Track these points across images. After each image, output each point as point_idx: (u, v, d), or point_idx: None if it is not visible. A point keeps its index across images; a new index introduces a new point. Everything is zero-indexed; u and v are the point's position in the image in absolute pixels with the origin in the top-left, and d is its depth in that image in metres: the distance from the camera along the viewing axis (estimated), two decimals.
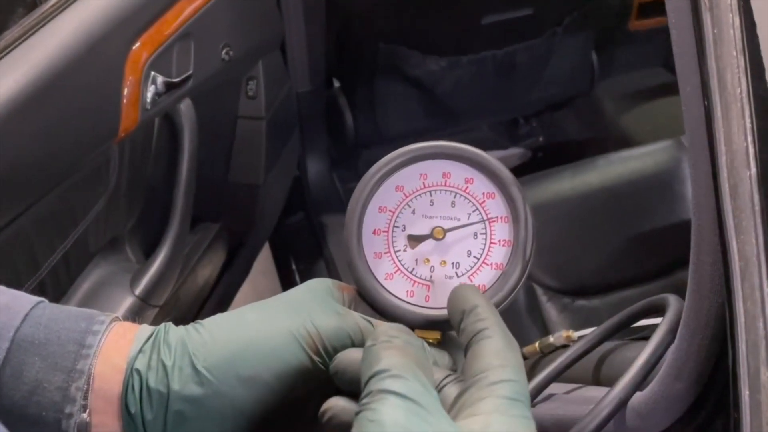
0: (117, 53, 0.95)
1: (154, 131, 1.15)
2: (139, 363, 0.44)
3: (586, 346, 0.76)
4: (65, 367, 0.44)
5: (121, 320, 0.48)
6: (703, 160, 0.48)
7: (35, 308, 0.46)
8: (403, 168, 0.47)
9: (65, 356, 0.44)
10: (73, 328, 0.45)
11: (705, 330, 0.50)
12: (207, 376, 0.43)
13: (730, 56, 0.44)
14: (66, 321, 0.45)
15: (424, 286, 0.46)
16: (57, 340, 0.44)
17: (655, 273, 1.38)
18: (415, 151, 0.46)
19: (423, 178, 0.46)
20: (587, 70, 1.95)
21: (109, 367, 0.44)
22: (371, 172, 0.46)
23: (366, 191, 0.46)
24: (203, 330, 0.45)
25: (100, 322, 0.46)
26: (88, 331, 0.45)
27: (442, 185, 0.46)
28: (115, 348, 0.45)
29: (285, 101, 1.49)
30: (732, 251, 0.43)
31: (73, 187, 0.97)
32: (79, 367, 0.44)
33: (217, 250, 1.38)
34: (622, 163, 1.49)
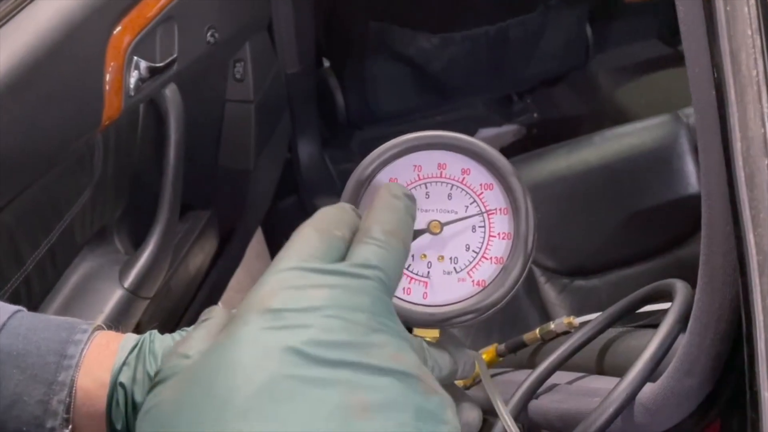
0: (97, 38, 0.92)
1: (140, 118, 1.12)
2: (123, 376, 0.42)
3: (589, 334, 0.74)
4: (46, 379, 0.41)
5: (104, 329, 0.45)
6: (714, 146, 0.45)
7: (12, 318, 0.44)
8: (397, 159, 0.44)
9: (45, 368, 0.42)
10: (54, 338, 0.43)
11: (718, 324, 0.47)
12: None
13: (744, 36, 0.42)
14: (46, 331, 0.43)
15: (421, 283, 0.44)
16: (36, 350, 0.42)
17: (654, 251, 1.36)
18: (408, 142, 0.44)
19: (417, 170, 0.44)
20: (582, 44, 1.92)
21: (92, 379, 0.42)
22: (363, 165, 0.44)
23: (359, 184, 0.44)
24: None
25: (81, 331, 0.44)
26: (69, 341, 0.43)
27: (438, 177, 0.44)
28: (98, 360, 0.43)
29: (274, 83, 1.46)
30: (748, 244, 0.41)
31: (57, 178, 0.94)
32: (61, 379, 0.42)
33: (209, 238, 1.35)
34: (619, 139, 1.46)
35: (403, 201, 0.38)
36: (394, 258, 0.35)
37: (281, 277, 0.32)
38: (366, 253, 0.34)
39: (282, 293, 0.31)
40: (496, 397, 0.59)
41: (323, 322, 0.30)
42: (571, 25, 1.89)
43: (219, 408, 0.28)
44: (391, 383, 0.30)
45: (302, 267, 0.32)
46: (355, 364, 0.29)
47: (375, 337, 0.31)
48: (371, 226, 0.36)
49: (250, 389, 0.28)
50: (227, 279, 1.52)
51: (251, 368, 0.29)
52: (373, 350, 0.30)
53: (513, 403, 0.71)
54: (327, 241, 0.35)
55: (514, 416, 0.70)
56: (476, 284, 0.43)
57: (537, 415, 0.70)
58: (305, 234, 0.35)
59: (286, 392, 0.28)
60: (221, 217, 1.39)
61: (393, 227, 0.36)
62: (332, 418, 0.28)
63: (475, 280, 0.43)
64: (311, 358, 0.29)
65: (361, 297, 0.32)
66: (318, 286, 0.31)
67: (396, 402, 0.29)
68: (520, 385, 0.72)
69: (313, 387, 0.28)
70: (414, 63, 1.78)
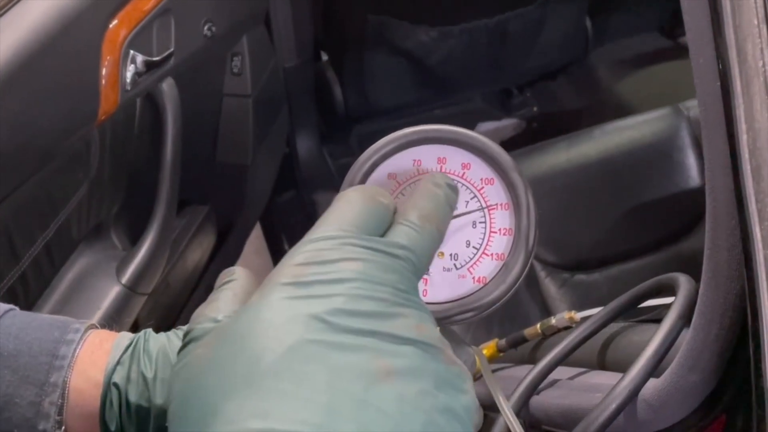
0: (93, 32, 0.91)
1: (136, 113, 1.11)
2: (117, 376, 0.41)
3: (591, 329, 0.73)
4: (38, 380, 0.41)
5: (98, 327, 0.44)
6: (719, 138, 0.44)
7: (4, 317, 0.43)
8: (396, 154, 0.43)
9: (37, 368, 0.41)
10: (46, 337, 0.42)
11: (722, 320, 0.47)
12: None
13: (750, 26, 0.41)
14: (38, 330, 0.42)
15: (421, 280, 0.43)
16: (28, 351, 0.41)
17: (655, 244, 1.36)
18: (408, 136, 0.43)
19: (417, 164, 0.43)
20: (581, 37, 1.91)
21: (85, 380, 0.41)
22: (361, 159, 0.43)
23: (356, 180, 0.43)
24: None
25: (74, 331, 0.43)
26: (62, 341, 0.42)
27: (438, 172, 0.43)
28: (91, 360, 0.42)
29: (271, 77, 1.45)
30: (755, 239, 0.40)
31: (53, 173, 0.93)
32: (53, 380, 0.41)
33: (207, 233, 1.35)
34: (619, 132, 1.45)
35: (443, 190, 0.39)
36: (427, 242, 0.36)
37: (316, 246, 0.33)
38: (400, 234, 0.35)
39: (314, 267, 0.32)
40: (497, 392, 0.58)
41: (350, 293, 0.31)
42: (570, 17, 1.88)
43: (251, 365, 0.29)
44: (413, 352, 0.31)
45: (339, 236, 0.33)
46: (380, 332, 0.31)
47: (399, 309, 0.32)
48: (409, 210, 0.37)
49: (281, 350, 0.29)
50: None
51: (281, 331, 0.30)
52: (397, 321, 0.31)
53: (514, 399, 0.70)
54: (371, 208, 0.36)
55: (515, 412, 0.69)
56: (477, 281, 0.42)
57: (538, 411, 0.70)
58: (350, 198, 0.36)
59: (313, 355, 0.29)
60: (219, 212, 1.38)
61: (429, 213, 0.37)
62: (357, 381, 0.29)
63: (475, 277, 0.42)
64: (336, 325, 0.30)
65: (389, 274, 0.33)
66: (350, 260, 0.32)
67: (418, 369, 0.30)
68: (521, 381, 0.71)
69: (338, 351, 0.30)
70: (413, 56, 1.76)
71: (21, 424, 0.40)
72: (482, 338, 1.24)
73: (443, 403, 0.30)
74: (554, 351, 0.72)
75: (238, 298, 0.36)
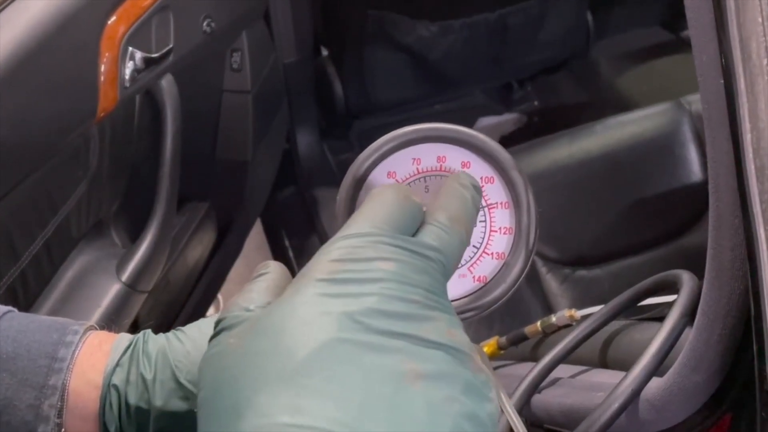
0: (91, 29, 0.91)
1: (136, 110, 1.11)
2: (116, 378, 0.41)
3: (592, 326, 0.73)
4: (36, 383, 0.40)
5: (97, 329, 0.44)
6: (722, 137, 0.44)
7: (2, 319, 0.43)
8: (395, 152, 0.43)
9: (36, 371, 0.41)
10: (44, 340, 0.42)
11: (725, 320, 0.46)
12: (192, 389, 0.40)
13: (755, 23, 0.40)
14: (36, 332, 0.42)
15: None
16: (27, 353, 0.41)
17: (657, 240, 1.35)
18: (407, 135, 0.42)
19: (416, 163, 0.43)
20: (582, 31, 1.90)
21: (84, 382, 0.41)
22: (361, 159, 0.42)
23: (356, 179, 0.42)
24: (185, 338, 0.42)
25: (73, 333, 0.43)
26: (61, 343, 0.42)
27: (437, 170, 0.43)
28: (90, 361, 0.42)
29: (271, 73, 1.45)
30: (759, 240, 0.39)
31: (52, 171, 0.93)
32: (52, 382, 0.41)
33: (207, 230, 1.34)
34: (621, 127, 1.45)
35: (470, 191, 0.39)
36: (456, 244, 0.36)
37: (352, 243, 0.33)
38: (431, 235, 0.35)
39: (349, 264, 0.32)
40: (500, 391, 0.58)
41: (383, 293, 0.31)
42: (571, 11, 1.87)
43: (284, 360, 0.29)
44: (443, 357, 0.31)
45: (373, 234, 0.33)
46: (411, 335, 0.31)
47: (431, 312, 0.32)
48: (437, 210, 0.37)
49: (313, 346, 0.29)
50: (226, 271, 1.50)
51: (315, 328, 0.30)
52: (428, 324, 0.31)
53: (516, 398, 0.70)
54: (404, 207, 0.36)
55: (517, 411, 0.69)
56: (477, 280, 0.42)
57: (540, 410, 0.69)
58: (384, 196, 0.36)
59: (346, 354, 0.29)
60: (219, 209, 1.38)
61: (458, 214, 0.37)
62: (387, 382, 0.29)
63: (476, 276, 0.42)
64: (368, 325, 0.30)
65: (422, 276, 0.33)
66: (384, 260, 0.32)
67: (447, 374, 0.30)
68: (522, 380, 0.71)
69: (370, 352, 0.30)
70: (413, 51, 1.76)
71: (20, 427, 0.40)
72: (483, 334, 1.23)
73: (470, 409, 0.30)
74: (555, 349, 0.72)
75: (271, 290, 0.36)
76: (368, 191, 0.43)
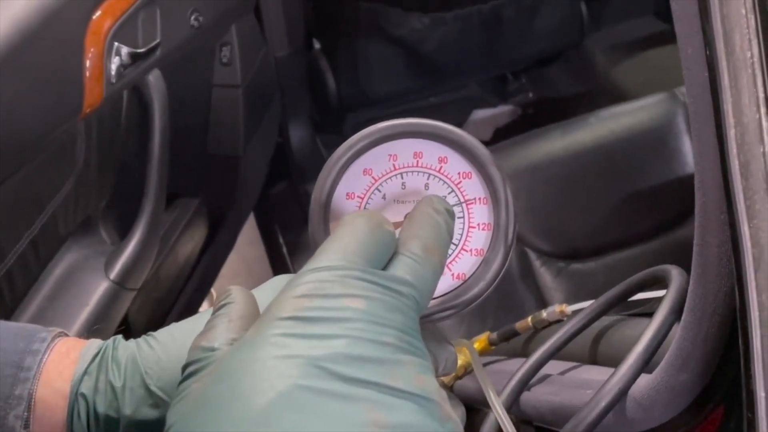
0: (75, 24, 0.89)
1: (123, 105, 1.10)
2: (84, 386, 0.40)
3: (582, 322, 0.72)
4: (2, 393, 0.40)
5: (67, 335, 0.43)
6: (708, 131, 0.43)
7: None
8: (371, 149, 0.42)
9: (1, 381, 0.40)
10: (10, 348, 0.41)
11: (712, 317, 0.45)
12: (162, 397, 0.39)
13: (738, 15, 0.39)
14: (2, 341, 0.41)
15: None
16: None
17: (651, 232, 1.34)
18: (382, 131, 0.42)
19: (393, 159, 0.42)
20: (577, 22, 1.89)
21: (52, 391, 0.40)
22: (335, 156, 0.42)
23: (331, 177, 0.42)
24: (156, 344, 0.41)
25: (40, 340, 0.42)
26: (27, 351, 0.41)
27: (414, 166, 0.42)
28: (58, 369, 0.41)
29: (262, 66, 1.43)
30: (743, 237, 0.38)
31: (38, 168, 0.92)
32: (18, 392, 0.40)
33: (198, 227, 1.33)
34: (615, 119, 1.44)
35: (443, 217, 0.37)
36: (430, 276, 0.34)
37: (320, 276, 0.31)
38: (404, 267, 0.34)
39: (317, 300, 0.30)
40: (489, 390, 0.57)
41: (352, 335, 0.30)
42: (565, 2, 1.86)
43: (242, 408, 0.28)
44: (411, 407, 0.29)
45: (344, 267, 0.32)
46: (378, 384, 0.29)
47: (401, 356, 0.30)
48: (410, 240, 0.35)
49: (271, 395, 0.28)
50: (218, 267, 1.50)
51: (275, 374, 0.28)
52: (398, 370, 0.30)
53: (505, 396, 0.69)
54: (376, 237, 0.34)
55: (506, 408, 0.68)
56: (456, 277, 0.41)
57: (529, 408, 0.69)
58: (356, 224, 0.34)
59: (307, 402, 0.28)
60: (211, 204, 1.37)
61: (431, 244, 0.35)
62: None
63: (455, 273, 0.42)
64: (335, 372, 0.29)
65: (394, 314, 0.31)
66: (354, 297, 0.31)
67: (414, 426, 0.29)
68: (511, 377, 0.70)
69: (334, 401, 0.28)
70: (406, 44, 1.74)
71: None
72: (477, 329, 1.23)
73: None
74: (545, 346, 0.71)
75: (234, 324, 0.34)
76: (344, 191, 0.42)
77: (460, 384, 0.81)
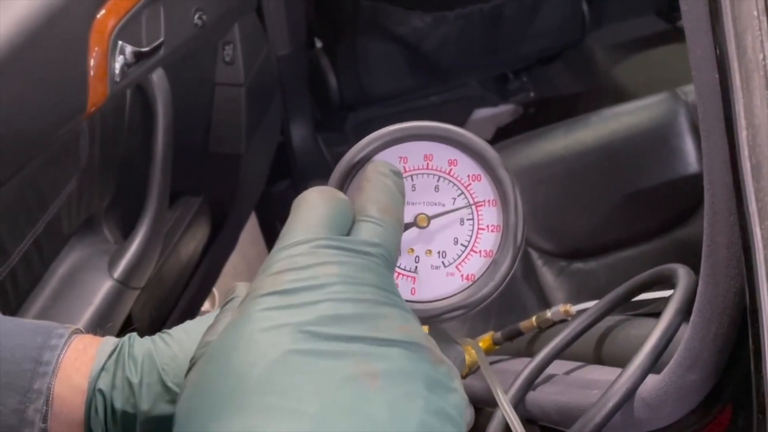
0: (80, 23, 0.89)
1: (126, 104, 1.10)
2: (102, 382, 0.40)
3: (588, 322, 0.72)
4: (21, 387, 0.40)
5: (82, 332, 0.44)
6: (717, 132, 0.43)
7: None
8: (382, 151, 0.42)
9: (21, 375, 0.40)
10: (29, 344, 0.41)
11: (721, 318, 0.45)
12: (178, 392, 0.39)
13: (750, 17, 0.39)
14: (20, 336, 0.41)
15: (409, 278, 0.43)
16: (11, 357, 0.41)
17: (653, 232, 1.34)
18: (393, 133, 0.42)
19: (403, 162, 0.43)
20: (578, 21, 1.89)
21: (69, 387, 0.40)
22: (347, 158, 0.42)
23: (342, 179, 0.42)
24: (171, 341, 0.41)
25: (58, 336, 0.42)
26: (45, 347, 0.41)
27: (424, 168, 0.43)
28: (75, 365, 0.41)
29: (264, 65, 1.43)
30: (755, 238, 0.39)
31: (41, 167, 0.92)
32: (37, 386, 0.40)
33: (201, 225, 1.33)
34: (617, 118, 1.44)
35: (391, 178, 0.38)
36: (392, 235, 0.36)
37: (289, 253, 0.32)
38: (367, 231, 0.35)
39: (291, 273, 0.31)
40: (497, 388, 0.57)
41: (332, 298, 0.31)
42: (566, 1, 1.86)
43: (235, 383, 0.29)
44: (400, 353, 0.30)
45: (310, 240, 0.33)
46: (365, 337, 0.30)
47: (382, 309, 0.31)
48: (366, 204, 0.36)
49: (264, 363, 0.29)
50: (221, 266, 1.50)
51: (264, 344, 0.29)
52: (381, 322, 0.31)
53: (511, 395, 0.69)
54: (334, 207, 0.35)
55: None
56: (465, 278, 0.42)
57: (534, 407, 0.69)
58: (310, 200, 0.35)
59: (298, 365, 0.29)
60: (213, 203, 1.37)
61: (387, 205, 0.37)
62: (344, 387, 0.28)
63: (464, 275, 0.42)
64: (321, 333, 0.30)
65: (367, 273, 0.32)
66: (326, 264, 0.32)
67: (406, 371, 0.30)
68: (517, 377, 0.70)
69: (324, 359, 0.29)
70: (407, 43, 1.75)
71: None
72: (479, 328, 1.23)
73: (434, 403, 0.30)
74: (550, 345, 0.71)
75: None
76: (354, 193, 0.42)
77: (465, 384, 0.81)
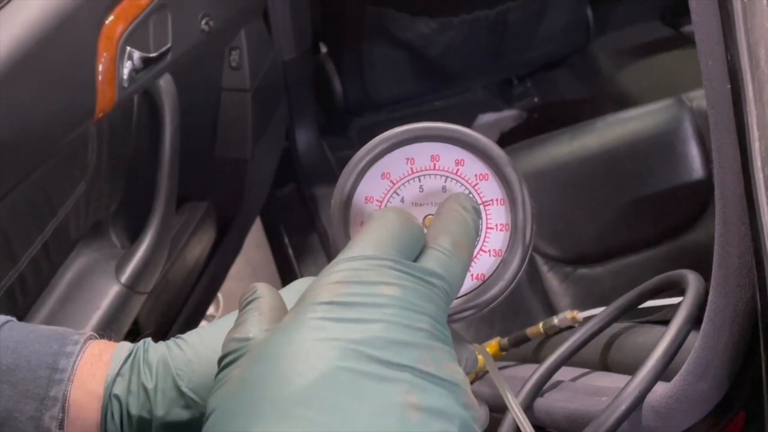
0: (89, 29, 0.90)
1: (134, 109, 1.10)
2: (117, 388, 0.41)
3: (595, 328, 0.73)
4: (37, 394, 0.40)
5: (97, 338, 0.44)
6: (729, 143, 0.43)
7: (1, 329, 0.42)
8: (389, 153, 0.42)
9: (37, 382, 0.40)
10: (44, 350, 0.41)
11: (732, 327, 0.46)
12: (193, 398, 0.40)
13: (762, 29, 0.39)
14: (36, 343, 0.42)
15: None
16: (27, 365, 0.41)
17: (658, 238, 1.35)
18: (400, 135, 0.42)
19: (410, 163, 0.42)
20: (582, 27, 1.90)
21: (85, 393, 0.41)
22: (354, 161, 0.42)
23: (350, 181, 0.42)
24: (186, 346, 0.42)
25: (73, 343, 0.42)
26: (61, 354, 0.41)
27: (431, 169, 0.42)
28: (91, 371, 0.41)
29: (270, 70, 1.44)
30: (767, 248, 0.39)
31: (50, 172, 0.92)
32: (53, 393, 0.40)
33: (206, 229, 1.33)
34: (622, 124, 1.44)
35: (471, 214, 0.38)
36: (458, 270, 0.36)
37: (355, 265, 0.32)
38: (435, 261, 0.35)
39: (353, 286, 0.31)
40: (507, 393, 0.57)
41: (388, 320, 0.31)
42: (571, 7, 1.86)
43: (281, 389, 0.29)
44: (442, 392, 0.30)
45: (377, 258, 0.33)
46: (414, 368, 0.30)
47: (434, 343, 0.32)
48: (439, 234, 0.36)
49: (312, 376, 0.29)
50: (226, 270, 1.50)
51: (314, 355, 0.29)
52: (431, 356, 0.31)
53: (519, 400, 0.70)
54: (408, 230, 0.35)
55: None
56: (475, 278, 0.42)
57: (542, 414, 0.69)
58: (386, 218, 0.35)
59: (345, 384, 0.29)
60: (219, 207, 1.37)
61: (460, 239, 0.36)
62: (389, 413, 0.29)
63: (474, 274, 0.42)
64: (372, 355, 0.30)
65: (427, 303, 0.32)
66: (389, 284, 0.32)
67: (446, 411, 0.30)
68: (525, 382, 0.70)
69: (373, 382, 0.29)
70: (412, 48, 1.75)
71: None
72: (484, 333, 1.23)
73: None
74: (558, 352, 0.71)
75: (266, 316, 0.35)
76: (363, 195, 0.42)
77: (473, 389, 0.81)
